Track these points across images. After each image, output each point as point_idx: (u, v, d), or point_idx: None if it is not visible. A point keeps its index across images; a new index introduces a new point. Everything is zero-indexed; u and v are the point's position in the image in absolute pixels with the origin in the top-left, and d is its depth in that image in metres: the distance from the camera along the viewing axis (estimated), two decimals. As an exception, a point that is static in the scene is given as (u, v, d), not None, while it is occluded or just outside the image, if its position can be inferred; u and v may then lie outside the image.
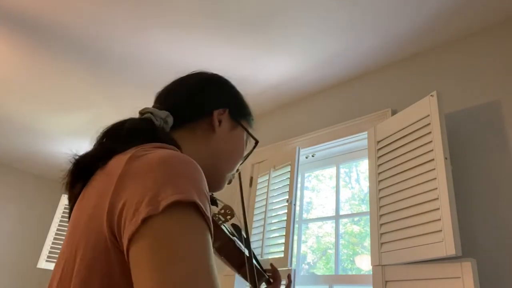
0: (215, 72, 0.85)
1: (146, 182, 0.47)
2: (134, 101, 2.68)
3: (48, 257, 3.40)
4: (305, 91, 2.38)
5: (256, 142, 0.83)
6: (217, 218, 0.80)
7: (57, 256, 3.37)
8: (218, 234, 0.80)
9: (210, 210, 0.50)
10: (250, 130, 0.82)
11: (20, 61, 2.35)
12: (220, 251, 0.82)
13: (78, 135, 3.28)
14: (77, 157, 0.64)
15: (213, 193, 0.79)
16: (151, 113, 0.69)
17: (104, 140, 0.65)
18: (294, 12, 1.78)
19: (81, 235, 0.51)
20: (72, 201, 0.63)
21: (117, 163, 0.53)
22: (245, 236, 0.83)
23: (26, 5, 1.89)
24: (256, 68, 2.20)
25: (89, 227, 0.50)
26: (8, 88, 2.67)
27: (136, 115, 0.72)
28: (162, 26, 1.95)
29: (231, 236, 0.84)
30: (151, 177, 0.47)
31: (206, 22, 1.90)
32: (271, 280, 1.00)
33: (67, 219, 3.47)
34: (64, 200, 3.60)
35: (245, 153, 0.81)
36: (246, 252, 0.82)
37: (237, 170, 0.81)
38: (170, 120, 0.70)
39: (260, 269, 0.95)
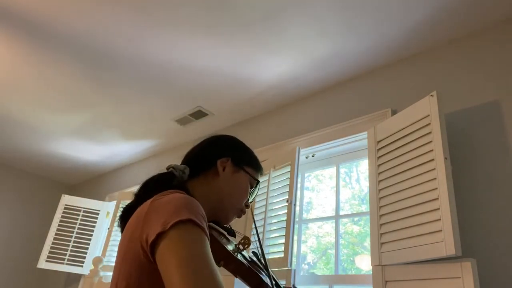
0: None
1: (160, 215, 0.71)
2: (134, 101, 2.68)
3: (48, 257, 3.39)
4: (305, 91, 2.38)
5: (257, 183, 1.02)
6: (236, 248, 0.97)
7: (57, 256, 3.37)
8: (231, 259, 0.92)
9: (207, 226, 0.72)
10: (256, 175, 1.02)
11: (20, 61, 2.35)
12: (236, 273, 0.95)
13: (78, 135, 3.28)
14: (124, 207, 0.90)
15: (231, 226, 1.00)
16: (173, 167, 0.93)
17: (140, 192, 0.89)
18: (294, 13, 1.78)
19: (122, 258, 0.76)
20: (121, 231, 0.88)
21: (145, 205, 0.78)
22: (264, 263, 0.98)
23: (26, 5, 1.89)
24: (256, 68, 2.20)
25: (128, 248, 0.74)
26: (8, 88, 2.67)
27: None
28: (162, 27, 1.95)
29: (243, 260, 0.96)
30: (163, 211, 0.72)
31: (206, 22, 1.90)
32: None
33: (67, 219, 3.49)
34: (64, 200, 3.60)
35: (249, 191, 1.01)
36: (263, 276, 0.95)
37: (247, 206, 1.01)
38: (187, 171, 0.94)
39: (273, 285, 1.03)
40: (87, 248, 3.46)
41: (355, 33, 1.87)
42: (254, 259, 1.02)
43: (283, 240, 1.91)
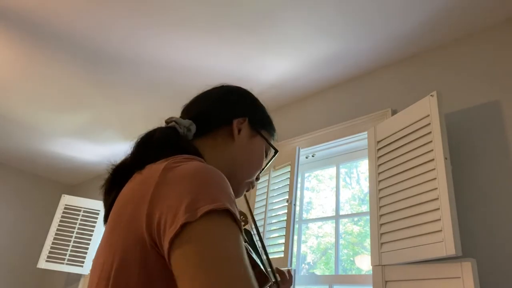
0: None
1: (182, 191, 0.52)
2: (134, 101, 2.68)
3: (48, 257, 3.39)
4: (305, 91, 2.38)
5: (276, 152, 0.85)
6: None
7: (57, 256, 3.37)
8: None
9: (237, 211, 0.55)
10: (270, 141, 0.84)
11: (20, 61, 2.35)
12: None
13: (78, 135, 3.28)
14: (114, 166, 0.69)
15: None
16: (176, 122, 0.74)
17: (138, 149, 0.70)
18: (294, 12, 1.78)
19: (118, 239, 0.56)
20: (107, 207, 0.67)
21: (152, 172, 0.58)
22: (260, 246, 0.87)
23: (26, 5, 1.89)
24: (256, 68, 2.20)
25: (128, 231, 0.55)
26: (8, 88, 2.67)
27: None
28: (162, 27, 1.95)
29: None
30: (186, 186, 0.52)
31: (206, 22, 1.90)
32: (279, 284, 1.01)
33: (67, 219, 3.48)
34: (64, 200, 3.60)
35: (264, 162, 0.83)
36: (254, 256, 0.85)
37: (257, 178, 0.84)
38: (193, 128, 0.75)
39: (266, 273, 0.96)
40: (87, 248, 3.46)
41: (355, 33, 1.87)
42: (246, 238, 0.91)
43: (283, 240, 1.91)
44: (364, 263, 2.05)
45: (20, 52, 2.26)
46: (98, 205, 3.65)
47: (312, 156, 2.29)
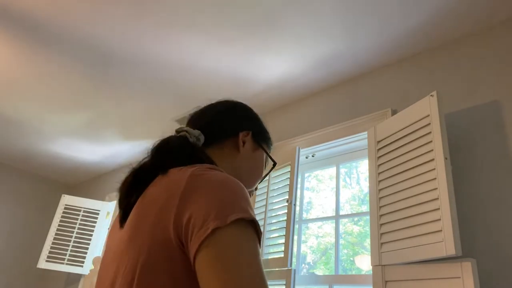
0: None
1: (211, 198, 0.56)
2: (134, 101, 2.68)
3: (48, 257, 3.39)
4: (305, 91, 2.38)
5: (274, 164, 0.91)
6: None
7: (57, 256, 3.37)
8: None
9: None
10: (269, 153, 0.92)
11: (20, 61, 2.35)
12: None
13: (78, 135, 3.28)
14: (133, 168, 0.73)
15: None
16: (187, 131, 0.78)
17: (157, 154, 0.74)
18: (294, 13, 1.78)
19: (143, 242, 0.58)
20: (125, 209, 0.69)
21: (179, 177, 0.62)
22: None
23: (27, 5, 1.89)
24: (256, 68, 2.20)
25: (156, 229, 0.57)
26: (8, 88, 2.67)
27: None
28: (162, 27, 1.95)
29: None
30: (215, 194, 0.57)
31: (206, 22, 1.90)
32: None
33: (67, 219, 3.48)
34: (64, 200, 3.60)
35: (264, 172, 0.90)
36: None
37: (256, 188, 0.91)
38: (202, 138, 0.80)
39: None
40: (87, 248, 3.46)
41: (355, 33, 1.87)
42: None
43: (283, 240, 1.91)
44: (364, 263, 2.05)
45: (20, 52, 2.26)
46: (98, 205, 3.65)
47: (312, 156, 2.29)
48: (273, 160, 0.91)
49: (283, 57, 2.09)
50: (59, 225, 3.50)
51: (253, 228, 0.56)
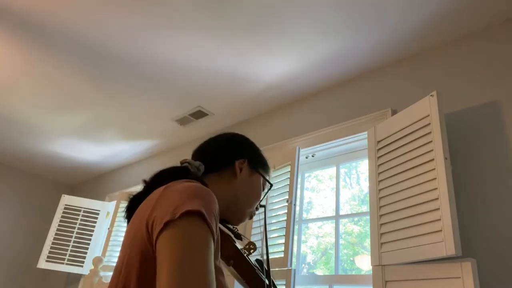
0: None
1: (172, 201, 0.68)
2: (134, 101, 2.68)
3: (48, 257, 3.39)
4: (305, 91, 2.38)
5: (270, 186, 1.02)
6: (242, 251, 0.97)
7: (57, 256, 3.37)
8: (242, 260, 0.95)
9: (217, 226, 0.69)
10: (265, 176, 1.01)
11: (20, 61, 2.35)
12: (242, 275, 0.96)
13: (78, 135, 3.28)
14: (131, 196, 0.86)
15: (237, 229, 1.01)
16: (188, 163, 0.89)
17: (149, 182, 0.84)
18: (294, 13, 1.78)
19: (128, 244, 0.72)
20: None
21: (156, 192, 0.75)
22: (266, 269, 0.99)
23: (27, 5, 1.89)
24: (257, 68, 2.20)
25: (135, 237, 0.70)
26: (8, 88, 2.67)
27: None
28: (162, 27, 1.95)
29: (252, 262, 0.98)
30: (176, 197, 0.68)
31: (206, 22, 1.90)
32: None
33: (67, 219, 3.49)
34: (64, 200, 3.60)
35: (262, 194, 1.00)
36: (267, 282, 0.96)
37: (257, 208, 1.00)
38: (202, 168, 0.91)
39: None
40: (87, 248, 3.46)
41: (355, 33, 1.87)
42: (258, 266, 1.02)
43: (283, 240, 1.91)
44: (364, 263, 2.06)
45: (20, 52, 2.26)
46: (98, 205, 3.65)
47: (312, 156, 2.29)
48: (269, 182, 1.01)
49: (283, 57, 2.09)
50: (59, 225, 3.50)
51: (203, 220, 0.64)
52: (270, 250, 1.99)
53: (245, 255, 0.96)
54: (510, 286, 1.33)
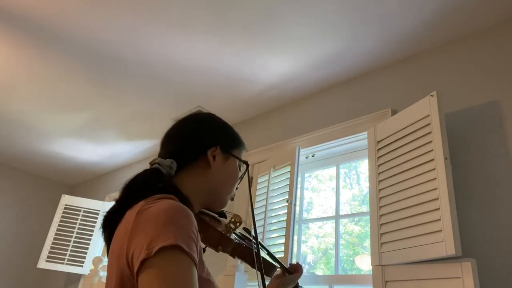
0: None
1: (146, 233, 0.65)
2: (134, 101, 2.68)
3: (48, 257, 3.39)
4: (305, 91, 2.38)
5: (247, 166, 0.97)
6: (228, 227, 0.95)
7: (57, 256, 3.37)
8: (226, 241, 0.95)
9: (198, 243, 0.67)
10: (241, 154, 0.97)
11: (20, 61, 2.35)
12: (232, 254, 0.96)
13: (78, 135, 3.28)
14: (105, 213, 0.82)
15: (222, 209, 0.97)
16: (159, 163, 0.85)
17: (122, 196, 0.81)
18: (294, 13, 1.78)
19: (112, 271, 0.71)
20: (106, 242, 0.81)
21: (130, 216, 0.71)
22: (254, 235, 0.98)
23: (27, 5, 1.89)
24: (257, 68, 2.20)
25: (118, 263, 0.69)
26: (8, 88, 2.67)
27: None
28: (162, 27, 1.95)
29: (240, 241, 0.98)
30: (149, 228, 0.65)
31: (206, 22, 1.90)
32: (290, 271, 1.18)
33: (67, 219, 3.48)
34: (64, 200, 3.60)
35: (239, 174, 0.96)
36: (254, 248, 0.96)
37: (236, 188, 0.97)
38: (174, 165, 0.86)
39: (271, 261, 1.11)
40: (87, 248, 3.46)
41: (355, 33, 1.87)
42: (247, 235, 1.03)
43: (283, 240, 1.90)
44: (364, 263, 2.06)
45: (20, 52, 2.26)
46: (98, 205, 3.65)
47: (312, 156, 2.29)
48: (245, 162, 0.97)
49: (283, 57, 2.09)
50: (59, 225, 3.49)
51: (182, 251, 0.62)
52: (270, 250, 1.99)
53: (230, 232, 0.96)
54: (510, 286, 1.33)
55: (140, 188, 0.79)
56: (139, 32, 2.00)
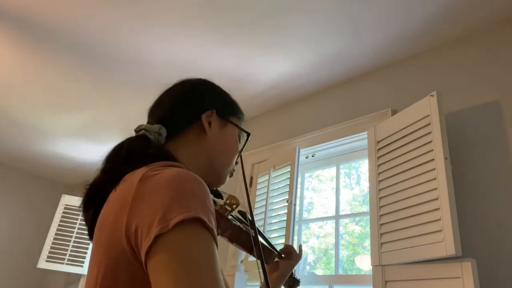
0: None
1: (156, 203, 0.53)
2: (134, 101, 2.68)
3: (48, 257, 3.39)
4: (305, 91, 2.38)
5: (248, 135, 0.86)
6: (224, 209, 0.85)
7: (57, 256, 3.37)
8: (226, 224, 0.85)
9: (215, 221, 0.56)
10: (240, 124, 0.85)
11: (20, 61, 2.35)
12: (231, 239, 0.87)
13: (78, 135, 3.28)
14: (88, 185, 0.71)
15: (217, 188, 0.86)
16: (145, 129, 0.75)
17: (108, 165, 0.71)
18: (294, 13, 1.78)
19: (104, 249, 0.58)
20: (89, 223, 0.70)
21: (129, 184, 0.59)
22: (250, 219, 0.89)
23: (26, 5, 1.89)
24: (256, 68, 2.20)
25: (111, 242, 0.57)
26: (8, 88, 2.67)
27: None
28: (162, 27, 1.95)
29: (238, 223, 0.88)
30: (160, 197, 0.53)
31: (206, 22, 1.90)
32: (283, 255, 1.07)
33: (67, 219, 3.48)
34: (64, 200, 3.60)
35: (239, 147, 0.84)
36: (252, 233, 0.88)
37: (236, 162, 0.84)
38: (163, 131, 0.75)
39: (269, 246, 1.02)
40: (87, 248, 3.46)
41: (355, 33, 1.86)
42: (242, 218, 0.95)
43: (283, 240, 1.90)
44: (364, 263, 2.06)
45: (20, 52, 2.26)
46: (98, 205, 3.64)
47: (312, 156, 2.29)
48: (245, 132, 0.85)
49: (283, 57, 2.08)
50: (59, 225, 3.50)
51: (203, 226, 0.52)
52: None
53: (227, 215, 0.86)
54: (510, 286, 1.33)
55: (127, 155, 0.68)
56: (139, 32, 2.00)
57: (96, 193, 0.68)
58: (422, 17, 1.73)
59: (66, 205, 3.57)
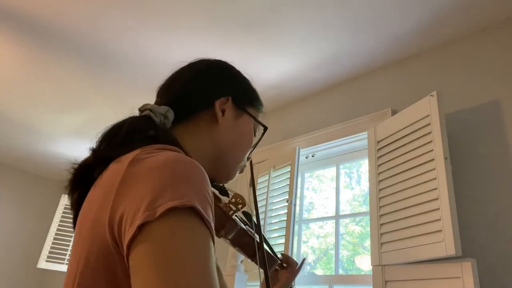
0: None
1: (146, 187, 0.45)
2: (134, 101, 2.67)
3: (48, 257, 3.40)
4: (305, 91, 2.38)
5: (265, 129, 0.77)
6: (229, 208, 0.77)
7: (57, 256, 3.38)
8: (231, 225, 0.77)
9: (213, 213, 0.48)
10: (258, 116, 0.77)
11: (20, 61, 2.35)
12: (233, 242, 0.80)
13: (78, 135, 3.28)
14: (75, 165, 0.62)
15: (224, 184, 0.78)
16: (150, 109, 0.66)
17: (102, 144, 0.63)
18: (294, 13, 1.78)
19: (84, 241, 0.50)
20: (74, 208, 0.61)
21: (118, 167, 0.52)
22: (255, 222, 0.80)
23: (27, 5, 1.89)
24: (256, 68, 2.20)
25: (93, 233, 0.49)
26: (8, 88, 2.67)
27: (135, 114, 0.69)
28: (162, 27, 1.95)
29: (242, 226, 0.81)
30: (151, 181, 0.46)
31: (206, 22, 1.90)
32: (284, 265, 1.01)
33: (67, 219, 3.48)
34: (64, 200, 3.60)
35: (254, 141, 0.76)
36: (257, 238, 0.81)
37: (248, 158, 0.76)
38: (171, 114, 0.66)
39: (271, 253, 0.96)
40: (87, 248, 3.46)
41: (355, 33, 1.87)
42: (246, 220, 0.87)
43: (283, 240, 1.91)
44: (364, 263, 2.06)
45: (20, 52, 2.26)
46: (98, 205, 3.65)
47: (312, 156, 2.29)
48: (263, 125, 0.77)
49: (283, 57, 2.08)
50: (59, 225, 3.50)
51: (198, 217, 0.44)
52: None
53: (232, 212, 0.77)
54: (510, 286, 1.33)
55: (126, 136, 0.60)
56: (140, 32, 2.00)
57: (84, 174, 0.59)
58: (422, 17, 1.73)
59: (66, 205, 3.58)
